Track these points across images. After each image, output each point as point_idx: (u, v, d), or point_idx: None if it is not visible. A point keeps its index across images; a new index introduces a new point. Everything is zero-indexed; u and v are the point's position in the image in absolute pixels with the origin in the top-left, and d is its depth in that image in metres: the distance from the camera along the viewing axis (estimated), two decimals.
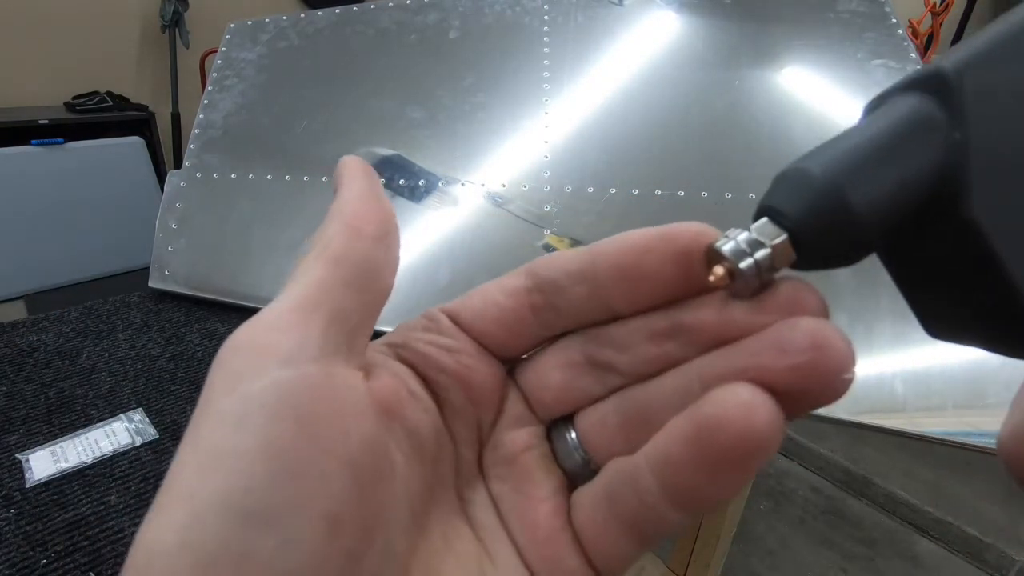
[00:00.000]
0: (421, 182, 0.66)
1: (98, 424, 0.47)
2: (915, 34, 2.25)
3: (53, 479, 0.41)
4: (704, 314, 0.13)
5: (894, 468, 1.46)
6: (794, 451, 1.55)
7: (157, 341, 0.59)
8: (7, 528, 0.37)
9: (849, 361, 0.11)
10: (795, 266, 0.12)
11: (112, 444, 0.45)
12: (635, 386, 0.14)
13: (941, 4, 2.23)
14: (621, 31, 0.69)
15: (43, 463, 0.43)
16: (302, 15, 0.80)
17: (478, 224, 0.63)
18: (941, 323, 0.13)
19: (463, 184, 0.65)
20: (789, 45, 0.65)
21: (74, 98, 1.95)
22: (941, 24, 2.25)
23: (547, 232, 0.60)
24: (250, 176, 0.71)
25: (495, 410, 0.16)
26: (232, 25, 0.82)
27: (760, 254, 0.11)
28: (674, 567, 0.96)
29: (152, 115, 2.02)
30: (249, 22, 0.82)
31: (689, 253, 0.13)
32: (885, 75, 0.62)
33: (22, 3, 1.89)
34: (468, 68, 0.71)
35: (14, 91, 1.94)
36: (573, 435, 0.15)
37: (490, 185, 0.64)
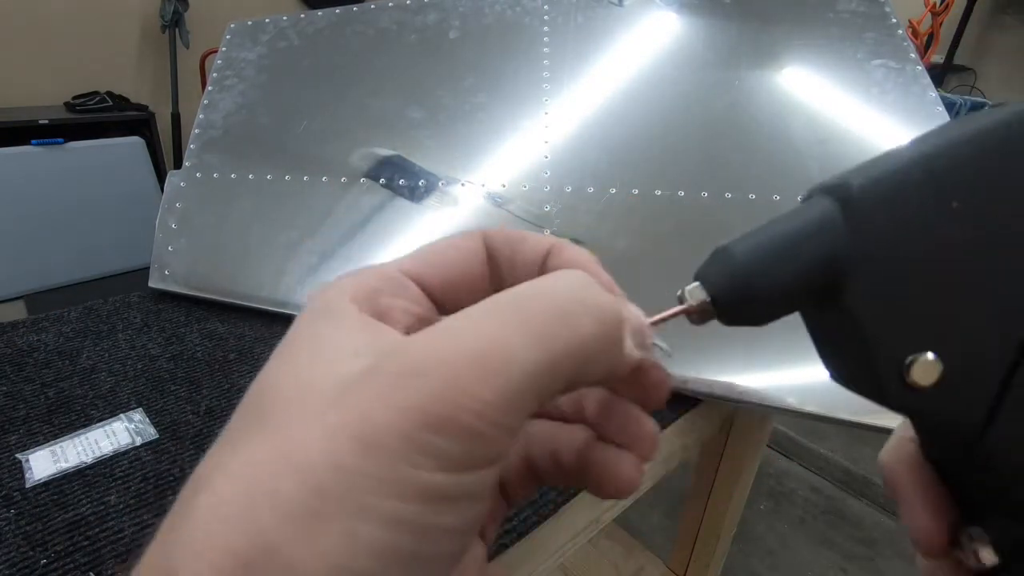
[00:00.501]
0: (421, 182, 0.66)
1: (98, 424, 0.47)
2: (915, 34, 2.25)
3: (53, 479, 0.41)
4: None
5: None
6: (794, 451, 1.54)
7: (157, 341, 0.59)
8: (7, 528, 0.37)
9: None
10: (720, 320, 0.15)
11: (112, 444, 0.45)
12: None
13: (941, 4, 2.23)
14: (621, 31, 0.69)
15: (43, 463, 0.43)
16: (302, 15, 0.80)
17: (478, 224, 0.63)
18: (837, 372, 0.16)
19: (463, 184, 0.65)
20: (789, 45, 0.65)
21: (74, 98, 1.95)
22: (941, 24, 2.25)
23: (547, 232, 0.60)
24: (250, 176, 0.71)
25: None
26: (232, 25, 0.82)
27: (674, 310, 0.16)
28: (674, 567, 0.96)
29: (152, 115, 2.02)
30: (249, 22, 0.82)
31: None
32: (884, 75, 0.62)
33: (22, 3, 1.89)
34: (468, 68, 0.71)
35: (14, 91, 1.94)
36: None
37: (490, 185, 0.64)
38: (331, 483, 0.11)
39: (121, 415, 0.48)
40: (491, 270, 0.17)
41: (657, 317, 0.16)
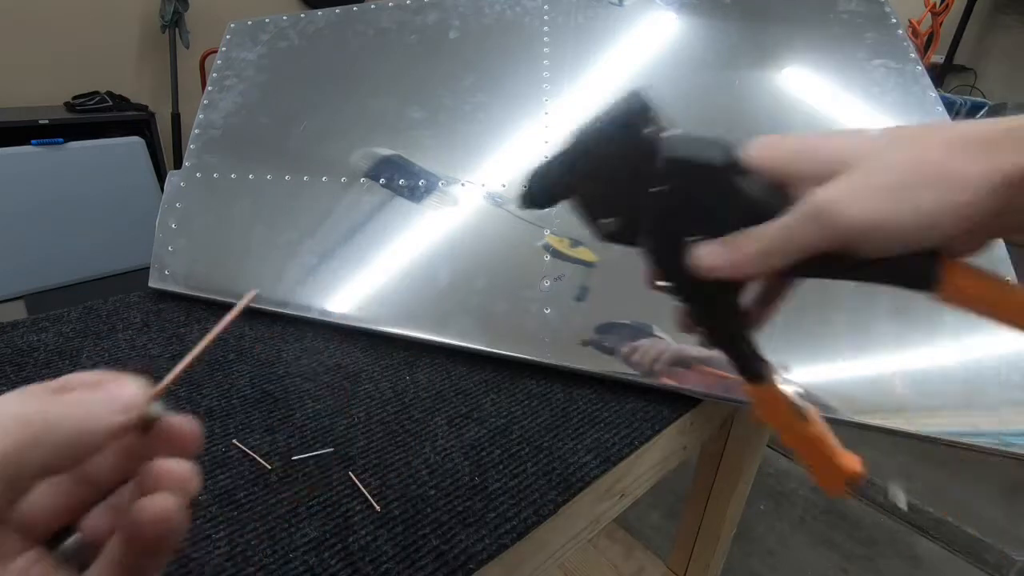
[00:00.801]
0: (421, 182, 0.66)
1: None
2: (915, 34, 2.25)
3: None
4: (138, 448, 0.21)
5: (894, 468, 1.46)
6: None
7: (157, 341, 0.59)
8: None
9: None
10: (529, 206, 0.31)
11: None
12: (116, 491, 0.21)
13: (941, 4, 2.23)
14: (621, 31, 0.69)
15: None
16: (302, 15, 0.80)
17: (478, 224, 0.63)
18: (600, 233, 0.30)
19: (463, 184, 0.65)
20: (789, 45, 0.65)
21: (74, 98, 1.95)
22: (941, 24, 2.25)
23: (547, 232, 0.60)
24: (250, 176, 0.71)
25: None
26: (232, 25, 0.82)
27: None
28: (674, 567, 0.96)
29: (152, 115, 2.02)
30: (249, 22, 0.82)
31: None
32: (884, 75, 0.62)
33: (22, 3, 1.89)
34: (468, 68, 0.71)
35: (14, 91, 1.94)
36: (76, 536, 0.20)
37: (490, 185, 0.64)
38: None
39: None
40: None
41: (168, 379, 0.22)
